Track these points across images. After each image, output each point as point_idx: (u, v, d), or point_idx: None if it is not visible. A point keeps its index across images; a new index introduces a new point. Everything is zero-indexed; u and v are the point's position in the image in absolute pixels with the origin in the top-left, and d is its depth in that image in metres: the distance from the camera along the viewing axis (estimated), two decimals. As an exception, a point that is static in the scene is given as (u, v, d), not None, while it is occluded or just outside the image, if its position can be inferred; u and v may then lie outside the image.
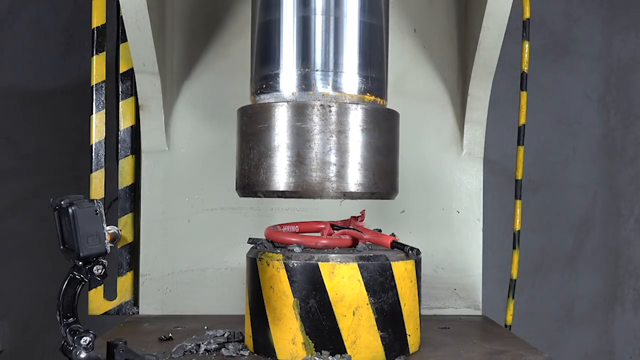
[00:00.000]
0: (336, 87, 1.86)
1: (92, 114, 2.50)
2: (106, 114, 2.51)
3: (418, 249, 1.88)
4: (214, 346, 1.93)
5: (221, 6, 2.59)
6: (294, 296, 1.79)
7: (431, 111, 2.64)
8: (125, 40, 2.33)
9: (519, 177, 2.67)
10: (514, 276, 2.67)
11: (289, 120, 1.81)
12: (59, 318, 1.57)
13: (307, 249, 1.86)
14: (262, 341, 1.86)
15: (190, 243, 2.54)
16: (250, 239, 2.05)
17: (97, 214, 1.51)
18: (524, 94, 2.63)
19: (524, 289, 3.76)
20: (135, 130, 2.53)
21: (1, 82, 3.51)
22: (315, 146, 1.80)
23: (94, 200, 1.53)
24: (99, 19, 2.48)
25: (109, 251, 1.54)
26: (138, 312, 2.51)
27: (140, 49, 2.28)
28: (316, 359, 1.75)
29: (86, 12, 2.64)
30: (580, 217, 3.98)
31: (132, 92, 2.50)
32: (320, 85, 1.85)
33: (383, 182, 1.89)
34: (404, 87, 2.57)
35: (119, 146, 2.53)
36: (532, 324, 3.80)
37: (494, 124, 2.73)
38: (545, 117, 3.88)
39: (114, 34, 2.52)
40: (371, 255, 1.82)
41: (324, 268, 1.77)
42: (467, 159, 2.63)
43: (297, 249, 1.84)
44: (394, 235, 1.95)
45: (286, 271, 1.79)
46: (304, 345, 1.78)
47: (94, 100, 2.49)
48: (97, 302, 2.49)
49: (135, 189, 2.54)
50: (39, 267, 3.42)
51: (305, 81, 1.85)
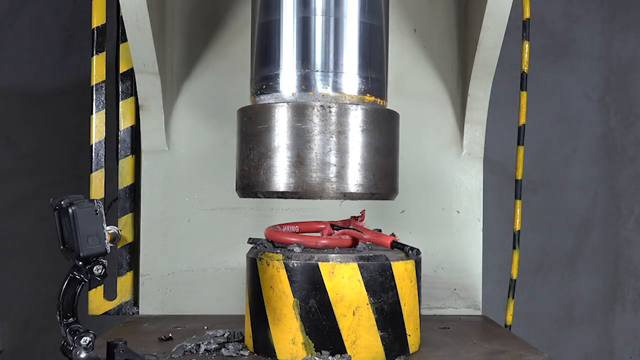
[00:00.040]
0: (336, 88, 1.86)
1: (92, 114, 2.50)
2: (106, 114, 2.51)
3: (418, 249, 1.88)
4: (214, 346, 1.93)
5: (221, 6, 2.59)
6: (294, 296, 1.79)
7: (431, 111, 2.64)
8: (125, 40, 2.33)
9: (519, 177, 2.67)
10: (514, 276, 2.67)
11: (289, 121, 1.81)
12: (59, 318, 1.57)
13: (307, 249, 1.86)
14: (262, 341, 1.86)
15: (190, 243, 2.54)
16: (250, 239, 2.05)
17: (97, 214, 1.51)
18: (524, 94, 2.63)
19: (524, 289, 3.76)
20: (135, 130, 2.53)
21: (1, 82, 3.52)
22: (315, 147, 1.80)
23: (94, 200, 1.53)
24: (99, 19, 2.48)
25: (109, 251, 1.54)
26: (138, 312, 2.51)
27: (140, 49, 2.28)
28: (316, 359, 1.75)
29: (86, 12, 2.64)
30: (580, 217, 3.98)
31: (132, 92, 2.50)
32: (320, 85, 1.85)
33: (383, 183, 1.89)
34: (404, 87, 2.57)
35: (119, 146, 2.53)
36: (532, 324, 3.80)
37: (494, 124, 2.73)
38: (545, 117, 3.88)
39: (114, 34, 2.52)
40: (371, 255, 1.82)
41: (324, 268, 1.77)
42: (467, 159, 2.63)
43: (297, 249, 1.84)
44: (394, 235, 1.95)
45: (286, 271, 1.79)
46: (304, 345, 1.78)
47: (94, 100, 2.49)
48: (97, 302, 2.49)
49: (135, 189, 2.54)
50: (39, 267, 3.42)
51: (305, 82, 1.85)
